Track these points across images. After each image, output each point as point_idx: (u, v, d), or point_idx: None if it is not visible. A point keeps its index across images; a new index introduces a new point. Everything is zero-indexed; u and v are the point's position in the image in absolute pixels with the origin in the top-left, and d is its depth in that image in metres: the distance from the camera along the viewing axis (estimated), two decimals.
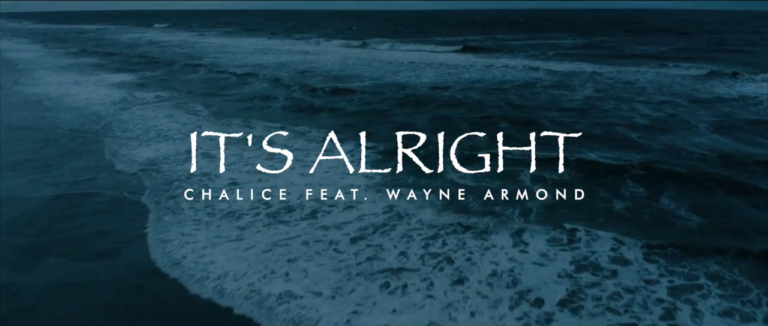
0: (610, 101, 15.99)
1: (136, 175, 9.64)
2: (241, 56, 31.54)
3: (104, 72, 24.42)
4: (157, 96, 17.66)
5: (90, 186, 9.20)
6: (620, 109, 14.79)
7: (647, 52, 32.13)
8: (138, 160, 10.44)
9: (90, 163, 10.52)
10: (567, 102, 15.92)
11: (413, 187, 8.69)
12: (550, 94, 17.26)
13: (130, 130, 13.04)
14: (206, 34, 57.59)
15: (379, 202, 8.15)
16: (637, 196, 8.50)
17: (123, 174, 9.78)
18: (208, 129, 12.80)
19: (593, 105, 15.43)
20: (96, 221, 7.83)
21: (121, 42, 45.52)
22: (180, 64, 26.67)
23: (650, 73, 21.99)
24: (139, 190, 8.93)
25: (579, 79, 20.62)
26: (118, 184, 9.27)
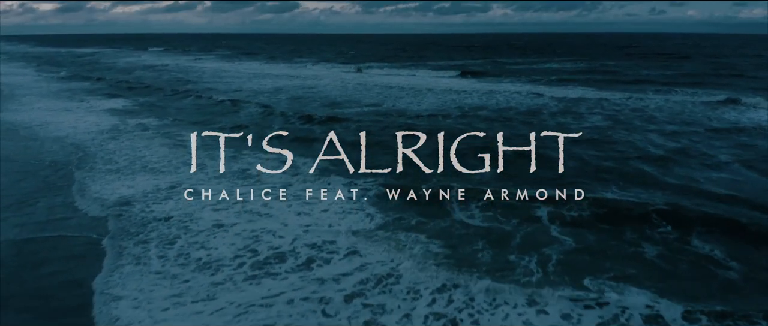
0: (621, 130, 15.27)
1: (113, 215, 8.76)
2: (237, 81, 30.95)
3: (96, 97, 23.73)
4: (148, 123, 16.92)
5: (64, 227, 8.34)
6: (633, 139, 14.06)
7: (651, 76, 31.60)
8: (117, 197, 9.54)
9: (68, 199, 9.68)
10: (576, 130, 15.17)
11: (418, 230, 7.90)
12: (557, 122, 16.54)
13: (115, 162, 12.25)
14: (204, 58, 57.27)
15: (381, 246, 7.31)
16: (665, 241, 7.69)
17: (101, 213, 8.91)
18: (197, 161, 12.04)
19: (604, 134, 14.70)
20: (67, 269, 6.96)
21: (117, 66, 45.02)
22: (175, 90, 25.98)
23: (658, 100, 21.35)
24: (117, 233, 8.08)
25: (586, 105, 19.95)
26: (96, 225, 8.40)
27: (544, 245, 7.42)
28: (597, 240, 7.64)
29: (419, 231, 7.92)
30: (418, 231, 7.89)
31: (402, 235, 7.71)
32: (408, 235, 7.73)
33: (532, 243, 7.48)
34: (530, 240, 7.60)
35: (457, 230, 8.02)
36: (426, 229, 7.98)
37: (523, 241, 7.59)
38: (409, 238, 7.62)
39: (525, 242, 7.55)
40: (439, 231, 7.93)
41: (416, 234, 7.77)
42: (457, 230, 8.02)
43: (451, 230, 8.01)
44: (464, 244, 7.47)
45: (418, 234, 7.77)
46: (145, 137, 14.90)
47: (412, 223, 8.21)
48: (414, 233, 7.82)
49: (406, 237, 7.64)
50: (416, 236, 7.71)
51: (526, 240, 7.61)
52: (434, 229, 7.98)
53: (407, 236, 7.70)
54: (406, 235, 7.72)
